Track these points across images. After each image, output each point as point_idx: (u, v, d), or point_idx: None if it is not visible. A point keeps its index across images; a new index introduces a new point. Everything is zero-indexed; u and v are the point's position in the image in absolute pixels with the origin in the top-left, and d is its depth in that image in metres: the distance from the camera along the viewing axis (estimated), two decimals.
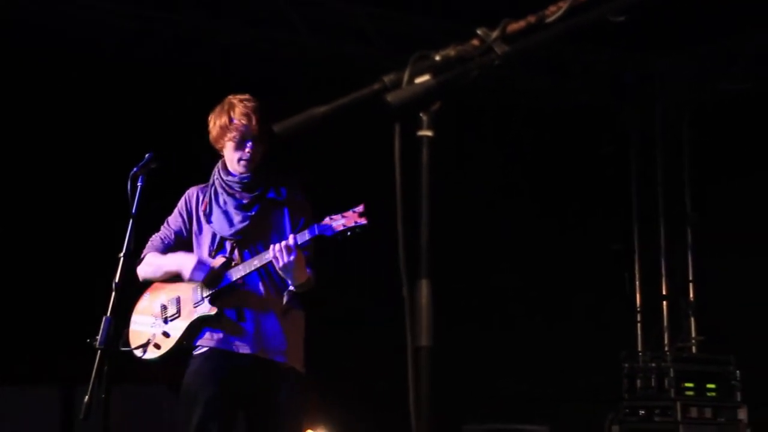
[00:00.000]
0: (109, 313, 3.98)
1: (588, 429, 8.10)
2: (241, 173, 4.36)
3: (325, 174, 7.20)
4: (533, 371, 8.21)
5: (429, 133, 1.81)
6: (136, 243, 4.27)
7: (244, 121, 4.30)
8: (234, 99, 4.37)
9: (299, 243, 4.11)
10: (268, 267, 4.22)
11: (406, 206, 1.81)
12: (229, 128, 4.32)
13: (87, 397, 3.83)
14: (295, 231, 4.27)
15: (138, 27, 7.41)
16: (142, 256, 4.50)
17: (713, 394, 7.70)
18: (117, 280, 4.04)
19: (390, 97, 1.80)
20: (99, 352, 3.92)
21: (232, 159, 4.36)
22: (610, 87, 8.96)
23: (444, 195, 1.85)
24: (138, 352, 4.32)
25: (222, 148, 4.39)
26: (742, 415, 7.63)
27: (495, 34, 1.86)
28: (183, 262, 4.33)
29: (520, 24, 1.89)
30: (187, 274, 4.30)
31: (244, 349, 4.25)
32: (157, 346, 4.31)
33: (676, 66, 8.92)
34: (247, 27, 7.64)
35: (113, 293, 4.06)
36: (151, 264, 4.45)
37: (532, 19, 1.89)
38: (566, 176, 8.82)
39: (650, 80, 9.09)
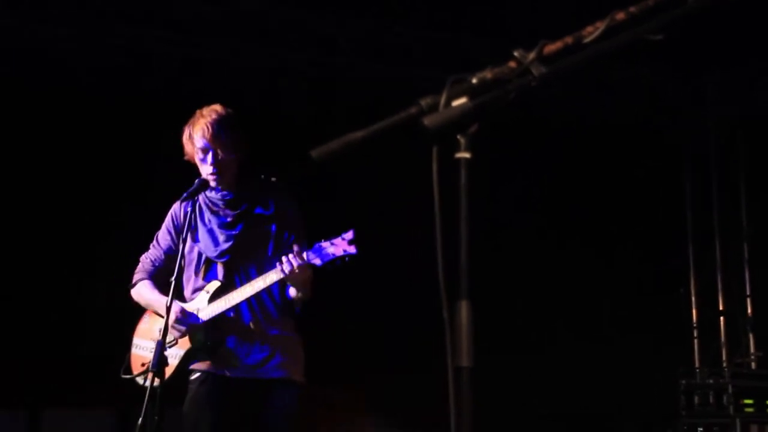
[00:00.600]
0: (159, 337, 4.00)
1: None
2: (219, 188, 4.25)
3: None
4: (590, 390, 8.13)
5: (467, 155, 1.82)
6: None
7: (201, 134, 4.19)
8: (198, 112, 4.27)
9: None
10: (261, 294, 4.14)
11: (444, 228, 1.81)
12: (192, 143, 4.24)
13: (141, 419, 3.86)
14: (284, 247, 4.17)
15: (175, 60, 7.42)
16: (133, 281, 4.49)
17: None
18: (168, 303, 4.05)
19: (427, 121, 1.80)
20: (152, 374, 3.93)
21: (204, 174, 4.26)
22: (660, 105, 8.88)
23: (482, 215, 1.85)
24: (140, 380, 4.28)
25: (196, 164, 4.30)
26: None
27: (532, 55, 1.85)
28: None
29: (557, 45, 1.88)
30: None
31: (236, 373, 4.20)
32: None
33: (726, 82, 8.81)
34: (284, 49, 7.62)
35: (165, 317, 4.07)
36: (141, 297, 4.44)
37: (569, 39, 1.88)
38: (616, 194, 8.74)
39: (701, 97, 9.00)
